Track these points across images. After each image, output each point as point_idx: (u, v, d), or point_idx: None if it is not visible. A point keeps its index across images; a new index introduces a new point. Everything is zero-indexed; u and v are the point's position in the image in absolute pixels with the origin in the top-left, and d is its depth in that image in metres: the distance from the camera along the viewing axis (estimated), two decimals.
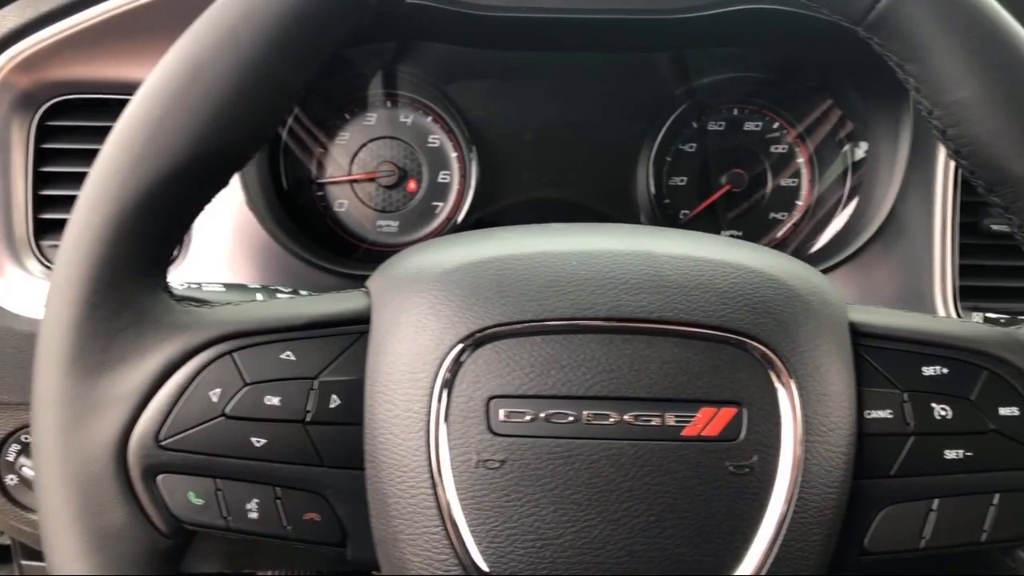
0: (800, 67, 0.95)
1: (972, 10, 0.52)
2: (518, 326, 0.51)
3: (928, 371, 0.54)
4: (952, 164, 0.88)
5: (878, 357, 0.55)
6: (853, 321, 0.55)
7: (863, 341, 0.55)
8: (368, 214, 0.98)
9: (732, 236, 0.98)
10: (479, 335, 0.51)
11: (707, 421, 0.51)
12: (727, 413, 0.51)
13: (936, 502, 0.54)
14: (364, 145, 0.98)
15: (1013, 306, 0.89)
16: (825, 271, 0.89)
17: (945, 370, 0.54)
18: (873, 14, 0.53)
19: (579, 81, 0.99)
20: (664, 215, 0.98)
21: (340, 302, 0.55)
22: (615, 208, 0.99)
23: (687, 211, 0.98)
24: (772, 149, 0.98)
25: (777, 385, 0.51)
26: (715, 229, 0.99)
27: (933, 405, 0.54)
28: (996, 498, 0.54)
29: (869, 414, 0.54)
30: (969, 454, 0.53)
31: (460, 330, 0.51)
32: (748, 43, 0.90)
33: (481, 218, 0.98)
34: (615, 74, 0.99)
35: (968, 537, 0.54)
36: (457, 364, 0.51)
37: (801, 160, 0.98)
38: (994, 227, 0.90)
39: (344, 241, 0.97)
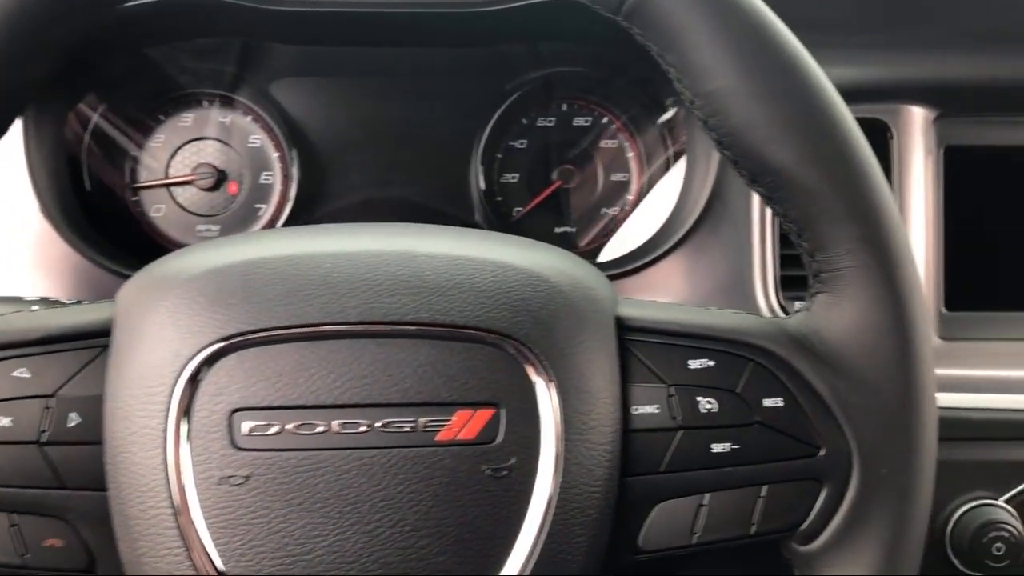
0: (623, 60, 0.95)
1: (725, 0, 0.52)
2: (263, 334, 0.49)
3: (695, 364, 0.54)
4: None
5: (645, 352, 0.54)
6: (620, 316, 0.55)
7: (630, 336, 0.55)
8: (187, 219, 0.95)
9: (565, 232, 0.98)
10: (221, 345, 0.49)
11: (463, 424, 0.50)
12: (484, 415, 0.50)
13: (706, 497, 0.54)
14: (181, 147, 0.95)
15: None
16: (651, 263, 0.89)
17: (711, 363, 0.54)
18: (628, 4, 0.53)
19: (408, 77, 0.97)
20: (496, 212, 0.97)
21: (83, 314, 0.53)
22: (451, 206, 0.98)
23: (520, 208, 0.98)
24: (602, 144, 0.98)
25: (536, 384, 0.51)
26: (549, 225, 0.98)
27: (699, 399, 0.54)
28: (764, 490, 0.54)
29: (636, 410, 0.53)
30: (736, 447, 0.53)
31: (200, 340, 0.49)
32: (557, 37, 0.89)
33: (309, 221, 0.96)
34: (446, 70, 0.98)
35: (738, 531, 0.54)
36: (197, 376, 0.48)
37: (631, 155, 0.98)
38: None
39: (162, 249, 0.94)
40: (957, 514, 0.87)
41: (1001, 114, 0.93)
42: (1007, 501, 0.87)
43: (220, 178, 0.94)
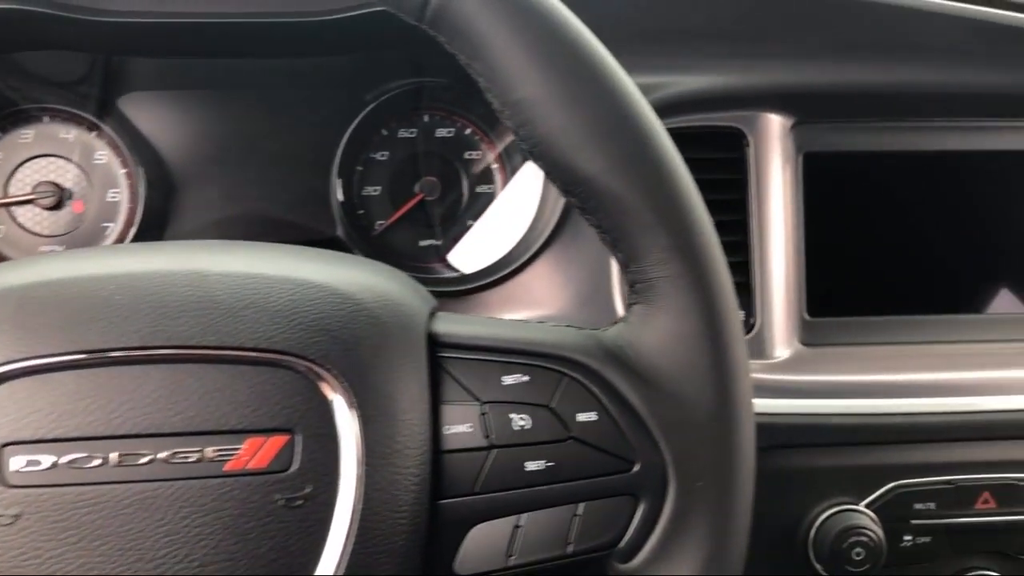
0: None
1: (526, 7, 0.51)
2: (35, 362, 0.46)
3: (508, 380, 0.53)
4: None
5: (459, 369, 0.53)
6: (434, 332, 0.53)
7: (443, 352, 0.53)
8: (30, 240, 0.91)
9: (430, 245, 0.96)
10: None
11: (254, 452, 0.48)
12: (276, 442, 0.48)
13: (522, 517, 0.52)
14: (21, 164, 0.90)
15: None
16: (512, 274, 0.88)
17: (526, 378, 0.53)
18: (429, 11, 0.52)
19: (264, 89, 0.95)
20: (358, 226, 0.95)
21: None
22: (311, 221, 0.95)
23: (383, 221, 0.96)
24: (466, 155, 0.97)
25: (335, 407, 0.49)
26: (413, 239, 0.96)
27: (512, 415, 0.52)
28: (580, 508, 0.53)
29: (448, 429, 0.52)
30: (550, 464, 0.52)
31: None
32: (403, 46, 0.88)
33: (159, 239, 0.92)
34: (305, 81, 0.95)
35: (555, 551, 0.53)
36: None
37: (495, 166, 0.97)
38: None
39: None
40: (819, 520, 0.87)
41: (858, 120, 0.95)
42: (867, 506, 0.87)
43: (63, 196, 0.90)
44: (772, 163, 0.92)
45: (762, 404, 0.87)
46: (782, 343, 0.91)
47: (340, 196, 0.94)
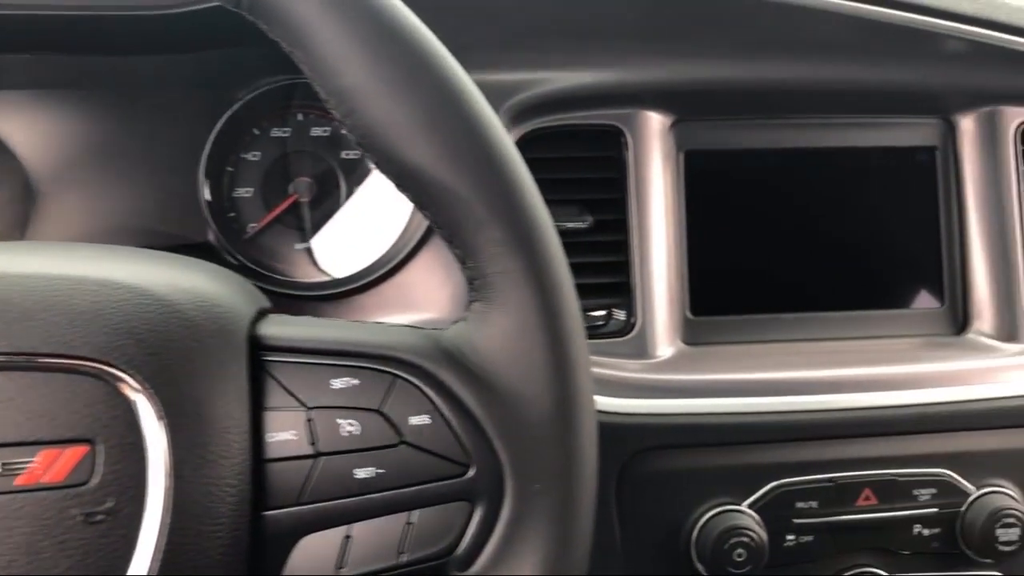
0: None
1: None
2: None
3: (337, 384, 0.50)
4: None
5: (284, 373, 0.50)
6: (258, 335, 0.51)
7: (268, 356, 0.51)
8: None
9: (305, 249, 0.93)
10: None
11: (48, 465, 0.44)
12: (75, 453, 0.45)
13: (353, 527, 0.50)
14: None
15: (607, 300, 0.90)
16: (386, 276, 0.86)
17: (355, 381, 0.51)
18: None
19: (132, 88, 0.91)
20: (228, 229, 0.92)
21: None
22: (182, 225, 0.92)
23: (255, 224, 0.93)
24: (343, 155, 0.94)
25: (140, 416, 0.46)
26: (289, 242, 0.93)
27: (340, 421, 0.50)
28: (414, 516, 0.50)
29: (272, 437, 0.49)
30: (381, 471, 0.50)
31: None
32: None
33: None
34: (173, 79, 0.92)
35: (388, 561, 0.50)
36: None
37: (373, 164, 0.95)
38: (569, 224, 0.91)
39: None
40: (702, 521, 0.86)
41: (738, 117, 0.95)
42: (750, 506, 0.87)
43: None
44: (652, 161, 0.92)
45: (643, 405, 0.86)
46: (664, 342, 0.91)
47: (207, 196, 0.91)
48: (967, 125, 0.97)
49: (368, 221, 0.92)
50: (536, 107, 0.88)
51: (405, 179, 0.51)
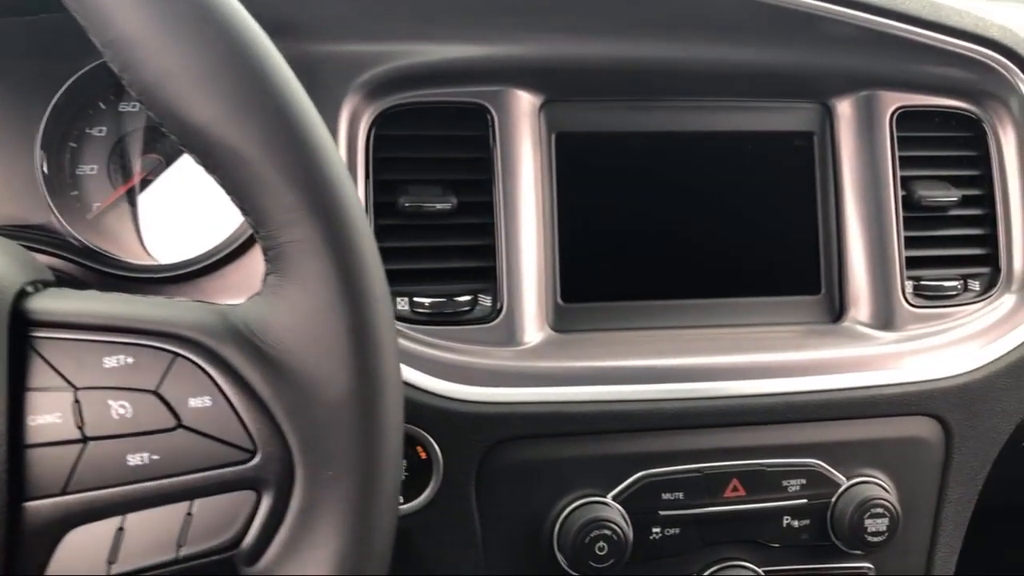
0: None
1: None
2: None
3: (110, 362, 0.47)
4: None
5: (52, 351, 0.46)
6: (24, 310, 0.47)
7: (34, 332, 0.47)
8: None
9: (154, 228, 0.89)
10: None
11: None
12: None
13: (126, 518, 0.46)
14: None
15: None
16: (227, 260, 0.83)
17: (130, 359, 0.47)
18: None
19: None
20: (70, 208, 0.86)
21: None
22: (20, 205, 0.86)
23: (99, 203, 0.88)
24: None
25: None
26: (134, 222, 0.88)
27: (111, 402, 0.46)
28: (194, 505, 0.47)
29: (33, 420, 0.45)
30: (156, 457, 0.46)
31: None
32: None
33: None
34: (6, 46, 0.86)
35: (165, 555, 0.47)
36: None
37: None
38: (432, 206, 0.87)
39: None
40: (564, 513, 0.84)
41: (611, 99, 0.92)
42: (614, 498, 0.85)
43: None
44: (520, 143, 0.89)
45: (505, 393, 0.83)
46: (532, 329, 0.88)
47: (44, 170, 0.85)
48: (844, 109, 0.96)
49: (218, 201, 0.88)
50: (395, 81, 0.85)
51: (189, 139, 0.47)
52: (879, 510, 0.88)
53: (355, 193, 0.49)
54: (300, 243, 0.47)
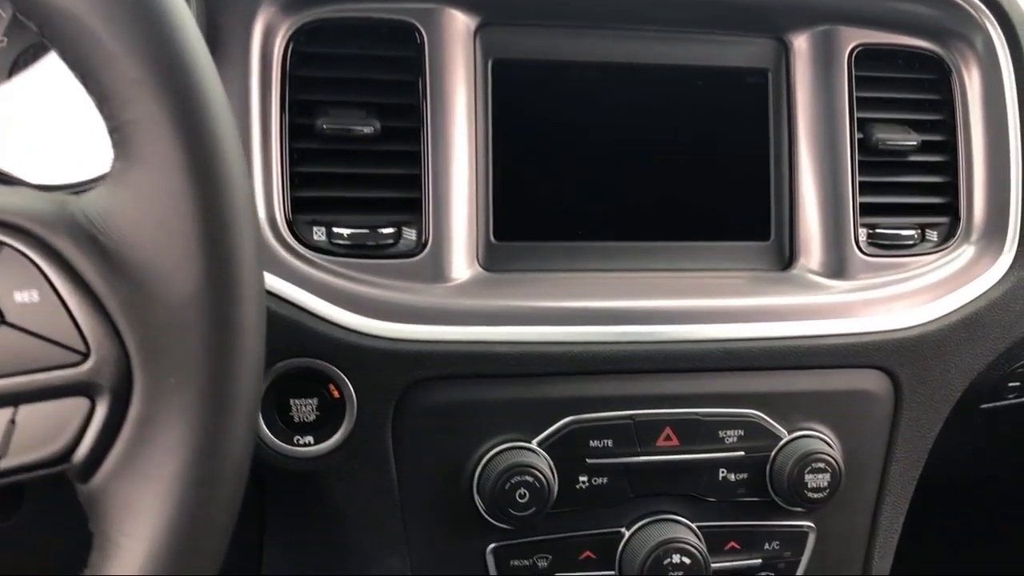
0: None
1: None
2: None
3: None
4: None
5: None
6: None
7: None
8: None
9: None
10: None
11: None
12: None
13: None
14: None
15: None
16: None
17: None
18: None
19: None
20: None
21: None
22: None
23: None
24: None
25: None
26: None
27: None
28: (17, 412, 0.42)
29: None
30: None
31: None
32: None
33: None
34: None
35: None
36: None
37: None
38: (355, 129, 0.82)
39: None
40: (486, 458, 0.80)
41: (554, 24, 0.87)
42: (539, 444, 0.81)
43: None
44: (453, 67, 0.84)
45: (425, 331, 0.79)
46: (460, 266, 0.84)
47: None
48: (801, 45, 0.92)
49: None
50: None
51: (26, 6, 0.43)
52: (821, 465, 0.84)
53: (212, 71, 0.45)
54: (144, 122, 0.43)
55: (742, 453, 0.85)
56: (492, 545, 0.82)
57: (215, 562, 0.45)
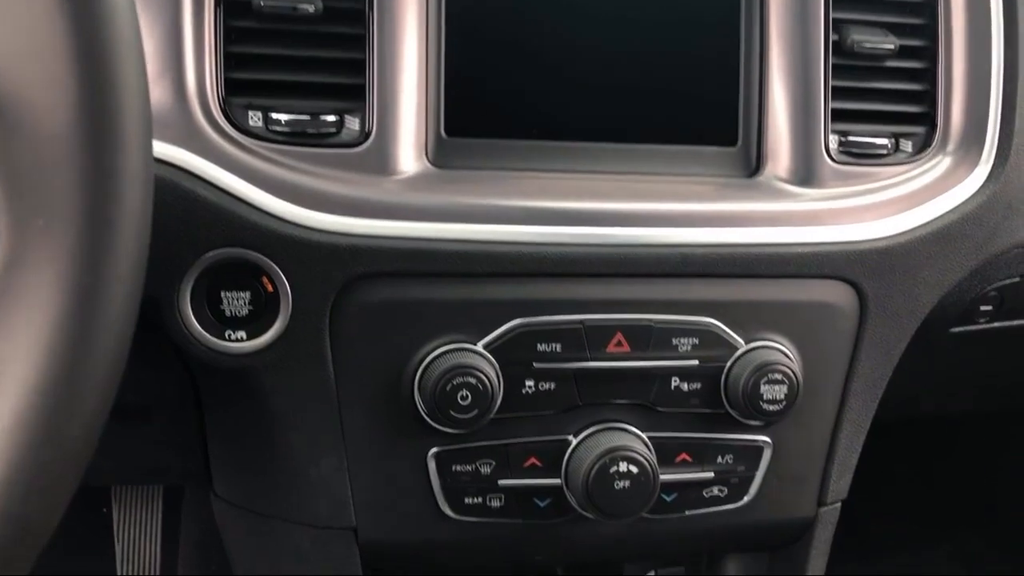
0: None
1: None
2: None
3: None
4: None
5: None
6: None
7: None
8: None
9: None
10: None
11: None
12: None
13: None
14: None
15: None
16: None
17: None
18: None
19: None
20: None
21: None
22: None
23: None
24: None
25: None
26: None
27: None
28: None
29: None
30: None
31: None
32: None
33: None
34: None
35: None
36: None
37: None
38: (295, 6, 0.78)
39: None
40: (428, 359, 0.77)
41: None
42: (485, 347, 0.78)
43: None
44: None
45: (368, 225, 0.76)
46: (407, 159, 0.80)
47: None
48: None
49: None
50: None
51: None
52: (778, 376, 0.81)
53: None
54: None
55: (696, 362, 0.82)
56: (434, 449, 0.80)
57: (89, 430, 0.42)
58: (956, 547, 1.71)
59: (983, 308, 1.01)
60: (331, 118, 0.78)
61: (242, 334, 0.75)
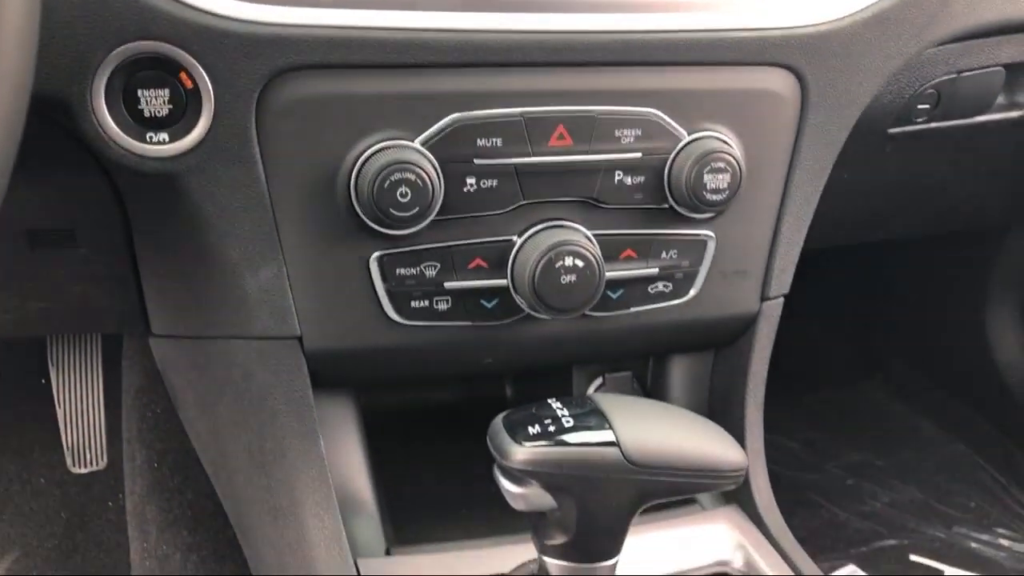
0: None
1: None
2: None
3: None
4: None
5: None
6: None
7: None
8: None
9: None
10: None
11: None
12: None
13: None
14: None
15: None
16: None
17: None
18: None
19: None
20: None
21: None
22: None
23: None
24: None
25: None
26: None
27: None
28: None
29: None
30: None
31: None
32: None
33: None
34: None
35: None
36: None
37: None
38: None
39: None
40: (364, 157, 0.74)
41: None
42: (423, 143, 0.75)
43: None
44: None
45: (290, 13, 0.72)
46: None
47: None
48: None
49: None
50: None
51: None
52: (721, 165, 0.81)
53: None
54: None
55: (639, 155, 0.81)
56: (376, 253, 0.78)
57: None
58: (888, 376, 1.78)
59: (920, 107, 1.01)
60: None
61: (164, 136, 0.71)
